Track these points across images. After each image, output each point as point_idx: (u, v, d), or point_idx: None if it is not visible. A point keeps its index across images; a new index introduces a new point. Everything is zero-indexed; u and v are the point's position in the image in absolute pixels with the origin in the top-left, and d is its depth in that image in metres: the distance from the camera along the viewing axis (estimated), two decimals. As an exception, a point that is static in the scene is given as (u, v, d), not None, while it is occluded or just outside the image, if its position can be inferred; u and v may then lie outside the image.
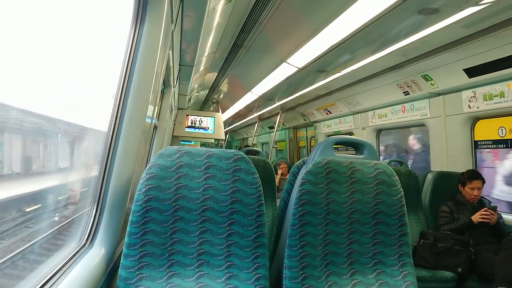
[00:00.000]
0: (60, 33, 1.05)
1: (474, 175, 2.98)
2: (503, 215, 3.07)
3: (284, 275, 1.26)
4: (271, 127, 9.32)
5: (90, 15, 1.24)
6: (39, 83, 1.02)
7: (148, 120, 1.58)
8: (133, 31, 1.38)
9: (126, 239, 1.14)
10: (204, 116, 6.70)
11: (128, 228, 1.14)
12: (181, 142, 7.07)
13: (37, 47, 0.95)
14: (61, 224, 1.31)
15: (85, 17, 1.21)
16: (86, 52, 1.28)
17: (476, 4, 2.21)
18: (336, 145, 1.45)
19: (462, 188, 3.02)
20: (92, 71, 1.41)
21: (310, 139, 7.88)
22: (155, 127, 3.55)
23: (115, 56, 1.41)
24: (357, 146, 1.49)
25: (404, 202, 1.36)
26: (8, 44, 0.81)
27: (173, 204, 1.16)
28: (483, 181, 2.97)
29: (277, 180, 4.62)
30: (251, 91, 5.67)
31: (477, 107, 3.36)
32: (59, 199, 1.33)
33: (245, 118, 9.71)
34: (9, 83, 0.85)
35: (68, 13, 1.09)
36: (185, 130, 6.58)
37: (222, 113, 7.50)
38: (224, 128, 7.26)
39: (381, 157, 5.22)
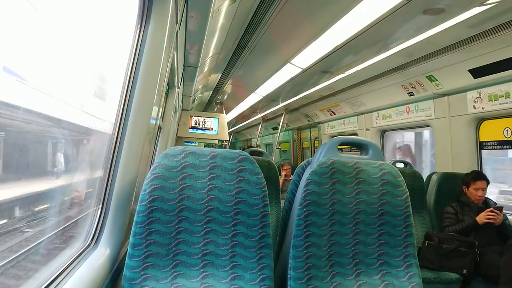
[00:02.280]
0: (67, 34, 1.06)
1: (478, 176, 2.97)
2: (508, 217, 3.04)
3: (289, 276, 1.25)
4: (275, 128, 9.30)
5: (95, 16, 1.25)
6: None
7: (152, 121, 1.58)
8: (138, 32, 1.38)
9: (131, 239, 1.14)
10: (208, 117, 6.70)
11: (133, 229, 1.14)
12: (185, 143, 7.07)
13: (38, 47, 0.96)
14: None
15: (91, 18, 1.21)
16: (91, 52, 1.29)
17: (482, 4, 2.19)
18: (341, 145, 1.44)
19: (466, 189, 3.00)
20: (96, 71, 1.42)
21: (314, 140, 7.85)
22: (160, 128, 3.56)
23: (120, 57, 1.42)
24: (362, 147, 1.48)
25: (410, 203, 1.35)
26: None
27: (178, 205, 1.16)
28: (488, 182, 2.95)
29: (280, 182, 4.61)
30: (255, 92, 5.67)
31: (482, 108, 3.33)
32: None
33: (249, 119, 9.71)
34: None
35: (75, 14, 1.09)
36: (189, 131, 6.57)
37: (226, 114, 7.49)
38: (228, 129, 7.25)
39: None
